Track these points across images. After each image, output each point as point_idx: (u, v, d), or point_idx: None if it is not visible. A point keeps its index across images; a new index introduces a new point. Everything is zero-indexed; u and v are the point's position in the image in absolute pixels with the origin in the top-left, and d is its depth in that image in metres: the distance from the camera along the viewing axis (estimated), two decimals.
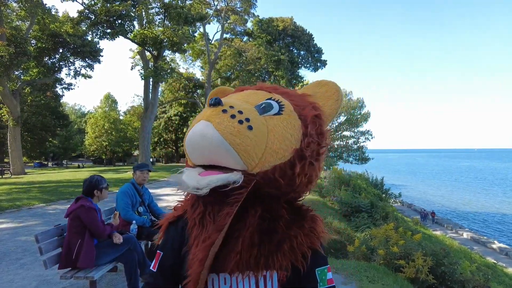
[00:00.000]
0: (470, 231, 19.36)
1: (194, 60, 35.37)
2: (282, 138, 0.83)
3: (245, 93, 0.97)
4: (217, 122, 0.77)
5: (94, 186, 3.29)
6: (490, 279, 6.67)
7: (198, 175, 0.80)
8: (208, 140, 0.77)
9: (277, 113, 0.87)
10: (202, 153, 0.80)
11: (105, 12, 18.29)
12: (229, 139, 0.76)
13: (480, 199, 35.37)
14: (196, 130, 0.78)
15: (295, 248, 0.84)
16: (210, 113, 0.79)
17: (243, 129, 0.77)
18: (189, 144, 0.81)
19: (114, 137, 38.69)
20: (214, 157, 0.79)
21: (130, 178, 17.68)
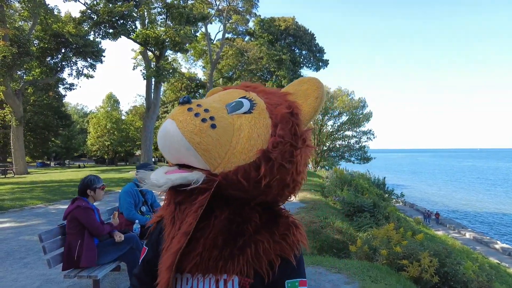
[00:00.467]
0: (473, 231, 19.31)
1: (196, 60, 35.43)
2: (248, 138, 0.79)
3: (223, 92, 0.95)
4: (180, 120, 0.76)
5: (86, 185, 3.28)
6: (493, 280, 6.65)
7: (164, 173, 0.80)
8: (169, 138, 0.76)
9: (247, 112, 0.83)
10: (168, 152, 0.80)
11: (107, 13, 18.34)
12: (188, 137, 0.74)
13: (481, 199, 35.28)
14: (161, 128, 0.79)
15: (260, 254, 0.80)
16: (176, 111, 0.79)
17: (205, 128, 0.75)
18: (158, 142, 0.82)
19: (116, 137, 38.82)
20: (178, 156, 0.79)
21: (132, 177, 17.68)
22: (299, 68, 34.28)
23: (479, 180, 56.86)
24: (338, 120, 45.50)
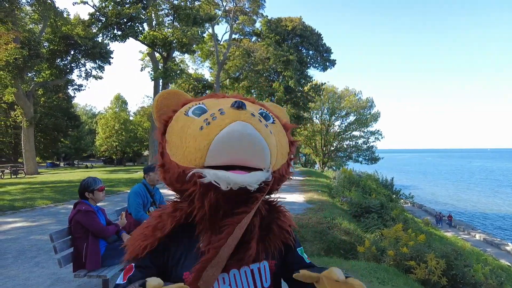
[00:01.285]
0: (483, 233, 19.02)
1: (203, 61, 35.56)
2: (283, 143, 0.95)
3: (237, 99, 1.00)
4: (255, 124, 0.80)
5: (84, 188, 3.30)
6: (504, 282, 6.56)
7: (233, 173, 0.79)
8: (249, 139, 0.78)
9: (273, 122, 0.96)
10: (236, 153, 0.79)
11: (115, 15, 18.54)
12: (267, 140, 0.81)
13: (490, 200, 34.77)
14: (235, 129, 0.77)
15: (282, 227, 0.96)
16: (243, 115, 0.80)
17: (269, 133, 0.84)
18: (226, 142, 0.78)
19: (124, 137, 39.15)
20: (246, 157, 0.79)
21: (139, 178, 17.78)
22: (306, 68, 34.17)
23: (487, 181, 56.03)
24: (345, 120, 45.37)
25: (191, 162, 0.83)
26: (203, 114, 0.88)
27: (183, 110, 0.95)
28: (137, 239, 0.93)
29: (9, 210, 8.58)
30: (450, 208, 29.64)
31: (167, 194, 6.73)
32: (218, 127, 0.79)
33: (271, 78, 34.57)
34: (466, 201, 34.18)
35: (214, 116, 0.81)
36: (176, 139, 0.89)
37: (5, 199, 10.02)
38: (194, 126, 0.85)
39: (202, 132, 0.81)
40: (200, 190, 0.82)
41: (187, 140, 0.84)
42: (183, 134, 0.87)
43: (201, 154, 0.80)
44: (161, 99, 1.05)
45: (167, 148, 0.92)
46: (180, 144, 0.87)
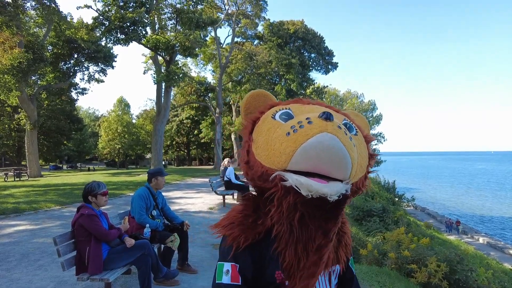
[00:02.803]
0: (487, 236, 18.91)
1: (206, 64, 35.68)
2: (363, 156, 0.96)
3: (322, 108, 1.01)
4: (341, 137, 0.81)
5: (87, 192, 3.34)
6: (507, 287, 6.53)
7: (314, 180, 0.81)
8: (334, 151, 0.79)
9: (355, 133, 0.99)
10: (320, 162, 0.81)
11: (119, 19, 18.70)
12: (350, 154, 0.82)
13: (493, 203, 34.57)
14: (322, 140, 0.79)
15: (348, 243, 1.03)
16: (331, 126, 0.81)
17: (353, 146, 0.85)
18: (312, 151, 0.80)
19: (127, 140, 39.32)
20: (329, 167, 0.81)
21: (142, 181, 17.74)
22: (308, 71, 34.23)
23: (490, 183, 55.74)
24: None
25: (275, 164, 0.87)
26: (290, 120, 0.91)
27: (271, 113, 1.00)
28: (236, 227, 0.99)
29: (13, 213, 8.62)
30: (452, 211, 29.50)
31: (170, 197, 6.79)
32: (305, 135, 0.81)
33: (273, 81, 34.64)
34: (468, 204, 34.00)
35: (302, 125, 0.84)
36: (262, 140, 0.94)
37: (8, 202, 10.06)
38: (280, 130, 0.89)
39: (289, 138, 0.84)
40: (281, 192, 0.85)
41: (273, 142, 0.89)
42: (269, 136, 0.92)
43: (285, 158, 0.83)
44: (250, 99, 1.12)
45: (253, 147, 0.97)
46: (265, 146, 0.91)
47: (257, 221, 0.97)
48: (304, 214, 0.88)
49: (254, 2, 30.30)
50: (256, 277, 0.95)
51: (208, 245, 5.60)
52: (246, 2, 30.74)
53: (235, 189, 9.75)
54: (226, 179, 9.82)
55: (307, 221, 0.89)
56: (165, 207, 4.49)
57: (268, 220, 0.95)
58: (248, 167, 0.99)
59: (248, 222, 0.98)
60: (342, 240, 1.01)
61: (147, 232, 3.87)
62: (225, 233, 1.00)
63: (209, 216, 8.14)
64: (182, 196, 11.87)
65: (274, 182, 0.86)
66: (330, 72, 35.66)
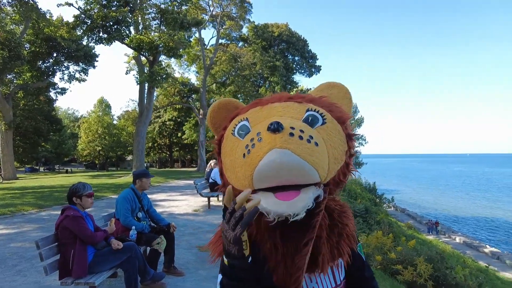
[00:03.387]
0: (463, 235, 19.56)
1: (190, 65, 35.43)
2: (337, 145, 0.90)
3: (280, 107, 0.96)
4: (293, 147, 0.77)
5: (72, 193, 3.27)
6: (483, 283, 6.77)
7: (278, 199, 0.79)
8: (289, 166, 0.76)
9: (322, 123, 0.92)
10: (279, 179, 0.78)
11: (101, 17, 18.30)
12: (308, 160, 0.78)
13: (467, 204, 35.82)
14: (272, 159, 0.76)
15: (349, 233, 0.96)
16: (279, 139, 0.77)
17: (313, 147, 0.80)
18: (266, 173, 0.78)
19: (107, 141, 38.52)
20: (292, 179, 0.79)
21: (124, 183, 17.39)
22: (292, 74, 34.56)
23: (465, 185, 57.79)
24: None
25: (243, 186, 0.85)
26: (247, 135, 0.88)
27: (231, 128, 0.96)
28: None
29: None
30: (430, 211, 30.36)
31: (153, 200, 6.70)
32: (257, 157, 0.78)
33: (257, 83, 34.77)
34: (444, 205, 35.08)
35: (253, 143, 0.81)
36: (228, 162, 0.91)
37: None
38: (239, 151, 0.85)
39: (245, 161, 0.81)
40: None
41: (236, 165, 0.86)
42: (232, 157, 0.89)
43: (248, 182, 0.82)
44: (213, 113, 1.06)
45: (223, 169, 0.94)
46: (232, 169, 0.89)
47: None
48: (284, 231, 0.87)
49: (238, 4, 30.35)
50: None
51: (194, 247, 5.56)
52: (230, 4, 30.76)
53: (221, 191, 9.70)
54: (211, 181, 9.77)
55: (289, 235, 0.88)
56: (150, 209, 4.43)
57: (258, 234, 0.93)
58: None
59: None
60: (343, 232, 0.95)
61: (133, 234, 3.81)
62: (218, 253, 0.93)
63: (194, 219, 8.08)
64: (166, 198, 11.73)
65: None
66: (313, 75, 36.12)
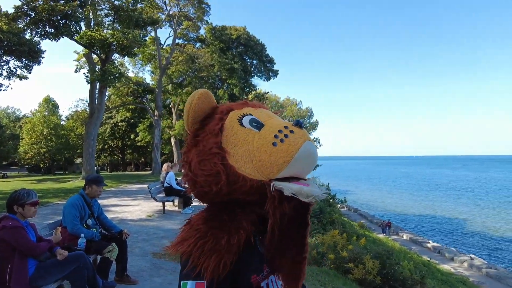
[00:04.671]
0: (409, 233, 20.95)
1: (144, 64, 34.29)
2: None
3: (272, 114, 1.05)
4: (312, 141, 0.90)
5: (13, 201, 2.96)
6: (426, 276, 7.30)
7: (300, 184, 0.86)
8: (316, 157, 0.90)
9: None
10: (307, 168, 0.90)
11: (47, 10, 17.05)
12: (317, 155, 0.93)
13: (412, 202, 38.49)
14: (309, 148, 0.87)
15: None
16: (307, 134, 0.90)
17: None
18: (304, 159, 0.87)
19: (54, 143, 35.94)
20: (307, 171, 0.91)
21: (72, 187, 16.31)
22: (250, 77, 34.79)
23: (410, 185, 62.12)
24: None
25: (264, 175, 0.88)
26: (264, 128, 0.92)
27: (235, 119, 0.96)
28: (211, 255, 0.87)
29: None
30: (380, 210, 32.15)
31: (104, 205, 6.37)
32: (294, 146, 0.86)
33: (215, 85, 34.54)
34: (392, 204, 37.40)
35: (286, 134, 0.87)
36: (241, 151, 0.91)
37: None
38: (262, 140, 0.89)
39: (278, 149, 0.86)
40: (276, 202, 0.85)
41: (258, 153, 0.88)
42: (249, 146, 0.90)
43: (278, 168, 0.86)
44: (198, 101, 0.98)
45: (229, 160, 0.91)
46: (248, 157, 0.90)
47: (230, 241, 0.89)
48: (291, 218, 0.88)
49: (197, 5, 29.99)
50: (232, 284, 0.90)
51: (148, 254, 5.37)
52: (188, 5, 30.30)
53: (176, 195, 9.49)
54: (167, 185, 9.52)
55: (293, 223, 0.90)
56: (101, 216, 4.22)
57: (241, 232, 0.90)
58: (227, 183, 0.91)
59: (222, 245, 0.88)
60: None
61: (81, 243, 3.59)
62: (201, 265, 0.86)
63: (148, 224, 7.80)
64: (118, 203, 11.20)
65: (271, 194, 0.85)
66: (271, 79, 36.65)
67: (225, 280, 0.87)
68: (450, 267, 14.23)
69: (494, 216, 29.65)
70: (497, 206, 34.81)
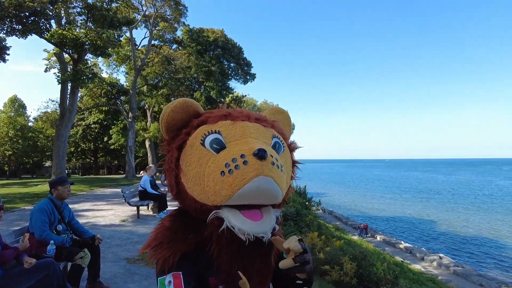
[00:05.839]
0: (383, 234, 21.52)
1: (119, 65, 33.44)
2: (288, 170, 1.00)
3: (253, 128, 0.98)
4: (275, 176, 0.84)
5: None
6: (399, 276, 7.52)
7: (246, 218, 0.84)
8: (271, 193, 0.84)
9: (283, 151, 1.02)
10: (264, 201, 0.87)
11: (14, 6, 16.28)
12: (281, 187, 0.87)
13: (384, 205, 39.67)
14: (258, 185, 0.81)
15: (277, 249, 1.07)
16: (266, 167, 0.82)
17: (283, 174, 0.89)
18: (250, 195, 0.82)
19: (21, 146, 34.30)
20: (262, 202, 0.87)
21: (41, 192, 15.62)
22: (227, 80, 34.71)
23: (381, 187, 64.12)
24: None
25: (209, 201, 0.87)
26: (222, 152, 0.88)
27: (199, 136, 0.93)
28: (165, 247, 0.92)
29: None
30: (354, 212, 32.88)
31: (76, 210, 6.16)
32: (241, 180, 0.81)
33: (192, 87, 34.22)
34: (364, 206, 38.38)
35: (237, 165, 0.82)
36: (193, 172, 0.89)
37: None
38: (214, 166, 0.85)
39: (224, 180, 0.82)
40: (218, 230, 0.86)
41: (206, 179, 0.86)
42: (201, 169, 0.88)
43: (221, 199, 0.84)
44: (171, 113, 0.98)
45: (182, 178, 0.92)
46: (197, 180, 0.88)
47: (187, 235, 0.94)
48: (240, 246, 0.89)
49: (173, 6, 29.62)
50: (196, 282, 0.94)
51: (122, 259, 5.21)
52: (165, 6, 29.88)
53: (151, 199, 9.29)
54: (141, 189, 9.30)
55: (245, 251, 0.91)
56: (72, 221, 4.05)
57: (199, 235, 0.93)
58: (179, 199, 0.96)
59: (178, 238, 0.94)
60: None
61: (51, 250, 3.42)
62: (156, 257, 0.92)
63: (122, 229, 7.58)
64: (90, 208, 10.82)
65: (211, 222, 0.86)
66: (248, 82, 36.71)
67: (190, 274, 0.91)
68: (421, 267, 14.73)
69: (459, 216, 31.09)
70: (462, 207, 36.51)
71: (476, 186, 62.10)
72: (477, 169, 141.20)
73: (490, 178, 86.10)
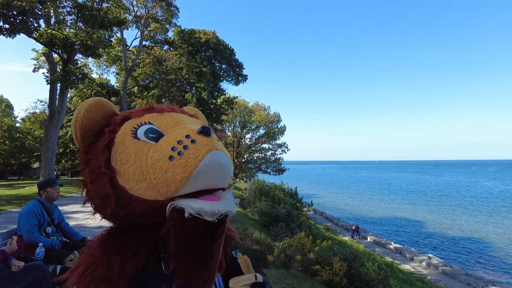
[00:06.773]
0: (373, 235, 21.73)
1: (109, 66, 33.14)
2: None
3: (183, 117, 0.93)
4: (225, 151, 0.81)
5: None
6: (389, 276, 7.60)
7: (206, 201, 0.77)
8: (227, 168, 0.80)
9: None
10: (224, 179, 0.82)
11: (2, 5, 16.01)
12: (232, 164, 0.83)
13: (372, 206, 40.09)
14: (214, 159, 0.76)
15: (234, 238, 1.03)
16: (215, 142, 0.79)
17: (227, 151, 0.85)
18: (207, 173, 0.76)
19: (8, 146, 33.70)
20: (220, 183, 0.81)
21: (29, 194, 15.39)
22: (219, 81, 34.65)
23: (370, 189, 64.88)
24: (256, 133, 47.33)
25: (161, 194, 0.77)
26: (162, 139, 0.80)
27: (128, 131, 0.84)
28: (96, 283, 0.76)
29: None
30: (344, 213, 33.13)
31: (65, 212, 6.07)
32: (195, 158, 0.74)
33: (183, 88, 34.07)
34: (354, 207, 38.74)
35: (185, 145, 0.76)
36: (133, 169, 0.79)
37: None
38: (158, 154, 0.77)
39: (175, 164, 0.74)
40: (178, 224, 0.75)
41: (152, 170, 0.76)
42: (141, 163, 0.78)
43: (176, 186, 0.75)
44: (85, 113, 0.86)
45: (119, 179, 0.80)
46: (141, 175, 0.77)
47: (126, 269, 0.79)
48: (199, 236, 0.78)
49: (165, 7, 29.49)
50: None
51: None
52: (156, 6, 29.73)
53: None
54: None
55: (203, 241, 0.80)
56: (62, 223, 4.01)
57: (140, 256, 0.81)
58: (118, 207, 0.80)
59: (114, 273, 0.78)
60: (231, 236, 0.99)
61: (40, 252, 3.38)
62: None
63: None
64: (80, 210, 10.66)
65: (170, 216, 0.75)
66: (240, 84, 36.70)
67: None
68: (411, 267, 14.94)
69: (446, 217, 31.58)
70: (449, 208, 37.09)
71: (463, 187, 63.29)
72: (463, 170, 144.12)
73: (475, 179, 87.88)
